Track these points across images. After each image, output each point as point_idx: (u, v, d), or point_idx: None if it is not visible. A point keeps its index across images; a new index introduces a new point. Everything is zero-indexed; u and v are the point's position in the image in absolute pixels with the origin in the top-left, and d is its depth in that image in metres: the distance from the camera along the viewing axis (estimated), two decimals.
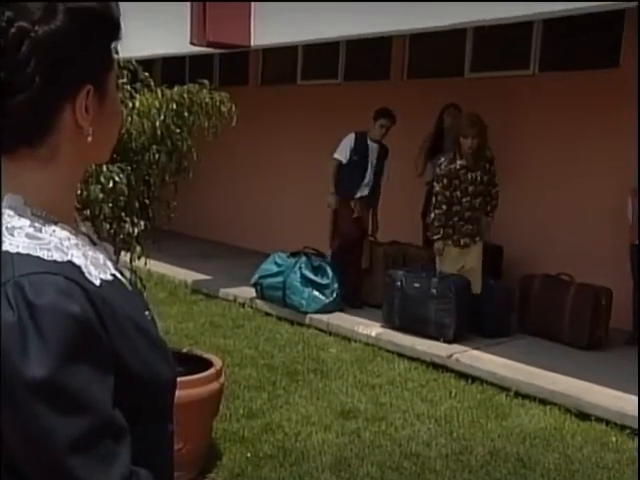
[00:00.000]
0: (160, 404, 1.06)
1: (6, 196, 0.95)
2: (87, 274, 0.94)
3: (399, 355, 5.64)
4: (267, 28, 6.23)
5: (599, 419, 4.50)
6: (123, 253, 3.58)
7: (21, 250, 0.91)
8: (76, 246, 0.97)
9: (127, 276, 1.14)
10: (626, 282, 5.82)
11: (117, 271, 1.05)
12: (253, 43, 6.45)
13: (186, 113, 3.61)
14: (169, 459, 1.11)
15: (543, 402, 4.76)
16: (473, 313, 5.85)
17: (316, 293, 6.54)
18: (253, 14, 6.32)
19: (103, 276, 0.97)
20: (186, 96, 3.61)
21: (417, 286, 5.93)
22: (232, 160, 9.49)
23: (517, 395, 4.87)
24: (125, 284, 1.06)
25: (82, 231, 1.06)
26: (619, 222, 5.99)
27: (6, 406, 0.85)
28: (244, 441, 4.09)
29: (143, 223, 3.51)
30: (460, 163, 5.83)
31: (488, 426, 4.44)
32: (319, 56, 8.86)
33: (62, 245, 0.95)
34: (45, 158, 0.96)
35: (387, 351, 5.73)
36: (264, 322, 6.51)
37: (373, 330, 6.03)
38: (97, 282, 0.95)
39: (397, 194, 7.14)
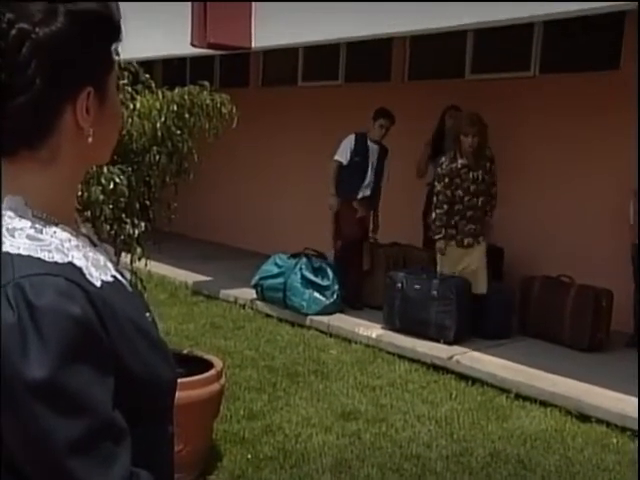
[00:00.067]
0: (160, 405, 1.06)
1: (7, 198, 0.95)
2: (88, 275, 0.94)
3: (400, 357, 5.64)
4: (268, 30, 6.22)
5: (600, 421, 4.50)
6: (124, 254, 3.58)
7: (22, 251, 0.91)
8: (77, 247, 0.97)
9: (128, 277, 1.14)
10: (627, 284, 5.81)
11: (118, 272, 1.05)
12: (254, 45, 6.44)
13: (187, 115, 3.61)
14: (169, 460, 1.12)
15: (544, 404, 4.75)
16: (474, 315, 5.84)
17: (317, 294, 6.53)
18: (254, 16, 6.32)
19: (104, 277, 0.98)
20: (187, 98, 3.61)
21: (418, 288, 5.92)
22: (233, 161, 9.49)
23: (518, 397, 4.87)
24: (126, 285, 1.06)
25: (83, 232, 1.06)
26: (619, 224, 5.99)
27: (6, 407, 0.85)
28: (244, 442, 4.09)
29: (144, 224, 3.51)
30: (461, 162, 5.82)
31: (489, 428, 4.44)
32: (320, 58, 8.86)
33: (63, 246, 0.95)
34: (46, 160, 0.96)
35: (388, 353, 5.73)
36: (265, 323, 6.51)
37: (374, 332, 6.03)
38: (98, 283, 0.95)
39: (397, 195, 7.14)
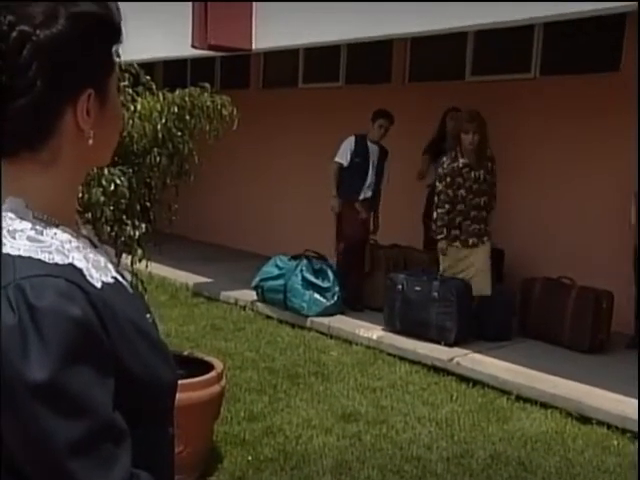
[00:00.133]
0: (161, 407, 1.06)
1: (7, 199, 0.95)
2: (88, 277, 0.94)
3: (400, 358, 5.63)
4: (268, 31, 6.23)
5: (600, 423, 4.49)
6: (124, 256, 3.58)
7: (22, 253, 0.91)
8: (77, 249, 0.97)
9: (128, 279, 1.14)
10: (627, 285, 5.81)
11: (118, 274, 1.05)
12: (254, 46, 6.46)
13: (187, 116, 3.62)
14: (170, 462, 1.11)
15: (544, 406, 4.75)
16: (475, 316, 5.84)
17: (317, 296, 6.53)
18: (254, 17, 6.33)
19: (104, 279, 0.98)
20: (187, 99, 3.62)
21: (418, 289, 5.91)
22: (233, 163, 9.49)
23: (518, 399, 4.86)
24: (126, 287, 1.06)
25: (83, 234, 1.06)
26: (620, 225, 5.99)
27: (6, 408, 0.85)
28: (245, 444, 4.09)
29: (144, 226, 3.51)
30: (463, 161, 5.80)
31: (489, 429, 4.44)
32: (320, 59, 8.86)
33: (63, 248, 0.95)
34: (46, 161, 0.97)
35: (388, 354, 5.73)
36: (265, 325, 6.51)
37: (374, 333, 6.02)
38: (98, 285, 0.95)
39: (398, 197, 7.14)
